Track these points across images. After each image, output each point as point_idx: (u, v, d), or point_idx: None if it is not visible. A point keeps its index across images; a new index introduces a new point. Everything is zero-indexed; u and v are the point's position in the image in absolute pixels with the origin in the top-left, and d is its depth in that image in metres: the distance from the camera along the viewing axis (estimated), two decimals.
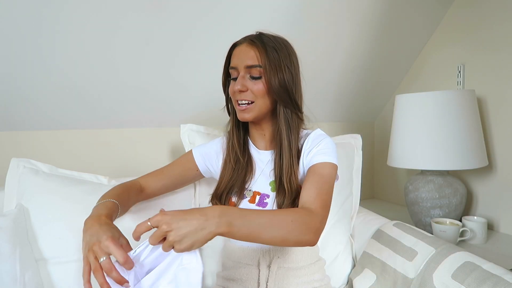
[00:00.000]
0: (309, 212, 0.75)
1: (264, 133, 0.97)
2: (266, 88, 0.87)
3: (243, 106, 0.89)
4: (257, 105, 0.89)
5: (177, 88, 1.37)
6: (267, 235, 0.68)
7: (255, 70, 0.87)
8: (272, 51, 0.86)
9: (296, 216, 0.72)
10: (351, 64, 1.68)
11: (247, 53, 0.87)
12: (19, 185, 0.95)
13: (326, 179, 0.84)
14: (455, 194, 1.41)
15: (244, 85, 0.87)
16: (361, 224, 1.24)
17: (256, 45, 0.87)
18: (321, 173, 0.85)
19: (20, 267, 0.81)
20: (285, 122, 0.90)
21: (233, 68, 0.90)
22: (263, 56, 0.86)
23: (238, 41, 0.92)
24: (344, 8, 1.45)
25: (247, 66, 0.87)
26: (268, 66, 0.85)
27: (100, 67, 1.19)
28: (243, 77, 0.88)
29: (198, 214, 0.62)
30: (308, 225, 0.73)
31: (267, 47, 0.86)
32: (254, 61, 0.86)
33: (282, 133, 0.90)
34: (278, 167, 0.91)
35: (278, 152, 0.91)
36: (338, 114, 1.90)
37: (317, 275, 0.94)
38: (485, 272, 0.84)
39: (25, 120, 1.20)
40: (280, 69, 0.86)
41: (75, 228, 0.91)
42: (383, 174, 2.04)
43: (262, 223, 0.68)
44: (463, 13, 1.59)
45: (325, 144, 0.91)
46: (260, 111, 0.90)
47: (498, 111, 1.49)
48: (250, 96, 0.88)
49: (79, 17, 1.06)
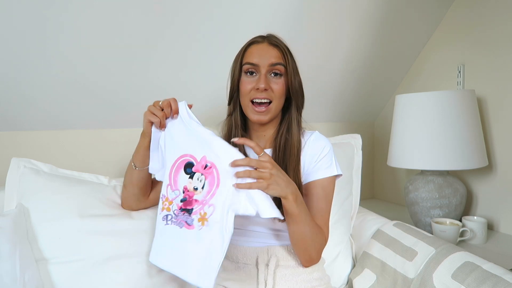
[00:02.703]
0: (325, 238, 0.91)
1: (265, 134, 0.97)
2: (285, 88, 0.91)
3: (263, 107, 0.89)
4: (273, 105, 0.91)
5: (176, 89, 1.37)
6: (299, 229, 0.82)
7: (279, 68, 0.90)
8: (289, 53, 0.92)
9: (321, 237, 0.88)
10: (351, 64, 1.68)
11: (270, 51, 0.90)
12: (19, 185, 0.94)
13: (330, 197, 0.93)
14: (455, 194, 1.41)
15: (268, 83, 0.89)
16: (361, 224, 1.24)
17: (277, 46, 0.91)
18: (326, 192, 0.92)
19: (20, 267, 0.81)
20: (296, 123, 0.94)
21: (253, 64, 0.90)
22: (286, 57, 0.90)
23: (256, 40, 0.93)
24: (344, 8, 1.45)
25: (272, 63, 0.89)
26: (290, 67, 0.90)
27: (101, 67, 1.19)
28: (265, 75, 0.89)
29: (286, 178, 0.78)
30: (321, 249, 0.91)
31: (285, 49, 0.91)
32: (278, 59, 0.90)
33: (292, 133, 0.92)
34: (281, 165, 0.89)
35: (281, 150, 0.92)
36: (338, 114, 1.90)
37: (316, 274, 0.94)
38: (485, 272, 0.84)
39: (25, 120, 1.20)
40: (297, 71, 0.93)
41: (75, 228, 0.91)
42: (383, 174, 2.04)
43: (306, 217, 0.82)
44: (463, 13, 1.59)
45: (327, 155, 0.94)
46: (275, 112, 0.92)
47: (498, 111, 1.49)
48: (270, 95, 0.89)
49: (80, 18, 1.06)
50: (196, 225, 0.79)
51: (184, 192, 0.81)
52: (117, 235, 0.94)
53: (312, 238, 0.85)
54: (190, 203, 0.80)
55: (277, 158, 0.92)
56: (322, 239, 0.89)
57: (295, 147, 0.91)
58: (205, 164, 0.78)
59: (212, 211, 0.77)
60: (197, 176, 0.79)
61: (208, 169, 0.78)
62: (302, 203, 0.82)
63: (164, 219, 0.83)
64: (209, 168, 0.78)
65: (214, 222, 0.76)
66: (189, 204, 0.80)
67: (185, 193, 0.81)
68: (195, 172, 0.79)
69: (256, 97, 0.89)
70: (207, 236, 0.76)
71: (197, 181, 0.79)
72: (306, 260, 0.90)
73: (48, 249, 0.89)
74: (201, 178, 0.79)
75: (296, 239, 0.85)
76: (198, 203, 0.79)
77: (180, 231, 0.80)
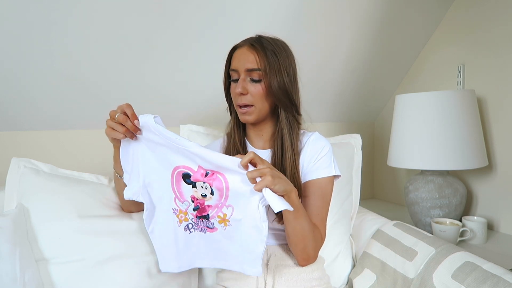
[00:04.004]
0: (322, 237, 0.92)
1: (262, 133, 0.99)
2: (265, 91, 0.89)
3: (244, 109, 0.91)
4: (256, 108, 0.91)
5: (176, 89, 1.37)
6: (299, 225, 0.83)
7: (255, 73, 0.89)
8: (272, 54, 0.88)
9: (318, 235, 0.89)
10: (351, 64, 1.68)
11: (247, 56, 0.89)
12: (19, 185, 0.94)
13: (328, 197, 0.94)
14: (455, 194, 1.41)
15: (245, 87, 0.89)
16: (361, 224, 1.24)
17: (256, 49, 0.89)
18: (324, 191, 0.92)
19: (20, 267, 0.81)
20: (286, 123, 0.93)
21: (234, 70, 0.92)
22: (262, 60, 0.88)
23: (238, 44, 0.93)
24: (344, 8, 1.45)
25: (248, 69, 0.89)
26: (268, 70, 0.87)
27: (101, 68, 1.19)
28: (244, 79, 0.90)
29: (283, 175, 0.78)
30: (318, 247, 0.91)
31: (266, 51, 0.88)
32: (254, 64, 0.88)
33: (284, 133, 0.92)
34: (278, 165, 0.92)
35: (279, 151, 0.93)
36: (338, 114, 1.90)
37: (316, 274, 0.95)
38: (485, 272, 0.84)
39: (25, 120, 1.20)
40: (280, 72, 0.88)
41: (75, 228, 0.91)
42: (383, 174, 2.04)
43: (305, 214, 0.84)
44: (463, 13, 1.59)
45: (326, 155, 0.94)
46: (260, 113, 0.92)
47: (498, 111, 1.49)
48: (249, 100, 0.90)
49: (81, 19, 1.06)
50: (219, 227, 0.81)
51: (194, 201, 0.81)
52: (117, 235, 0.94)
53: (310, 235, 0.86)
54: (204, 210, 0.81)
55: (275, 158, 0.93)
56: (319, 237, 0.90)
57: (289, 148, 0.91)
58: (205, 173, 0.78)
59: (231, 212, 0.79)
60: (200, 185, 0.79)
61: (210, 176, 0.77)
62: (299, 200, 0.83)
63: (186, 229, 0.85)
64: (211, 175, 0.77)
65: (236, 221, 0.78)
66: (204, 211, 0.81)
67: (194, 202, 0.81)
68: (196, 182, 0.79)
69: (238, 102, 0.91)
70: (236, 233, 0.79)
71: (202, 189, 0.79)
72: (304, 258, 0.90)
73: (48, 249, 0.89)
74: (205, 186, 0.78)
75: (295, 236, 0.85)
76: (212, 208, 0.80)
77: (206, 235, 0.83)
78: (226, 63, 0.96)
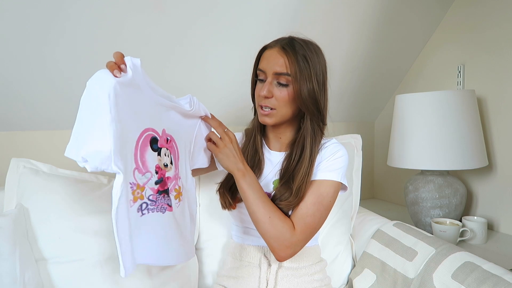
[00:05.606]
0: (290, 229, 0.82)
1: (281, 136, 0.96)
2: (291, 97, 0.86)
3: (266, 110, 0.88)
4: (278, 112, 0.88)
5: (176, 89, 1.36)
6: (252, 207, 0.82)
7: (283, 78, 0.85)
8: (303, 59, 0.85)
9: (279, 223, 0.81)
10: (351, 64, 1.68)
11: (277, 59, 0.85)
12: (19, 185, 0.94)
13: (322, 199, 0.86)
14: (455, 194, 1.41)
15: (270, 91, 0.86)
16: (361, 224, 1.23)
17: (287, 52, 0.85)
18: (321, 193, 0.86)
19: (20, 267, 0.81)
20: (311, 132, 0.89)
21: (262, 71, 0.89)
22: (293, 65, 0.84)
23: (269, 44, 0.90)
24: (343, 8, 1.45)
25: (276, 72, 0.85)
26: (298, 75, 0.84)
27: (101, 68, 1.19)
28: (270, 83, 0.87)
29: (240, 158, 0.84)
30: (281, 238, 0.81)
31: (298, 55, 0.84)
32: (283, 68, 0.85)
33: (306, 142, 0.89)
34: (290, 170, 0.89)
35: (295, 158, 0.89)
36: (338, 114, 1.90)
37: (317, 276, 0.95)
38: (485, 272, 0.84)
39: (24, 120, 1.20)
40: (310, 79, 0.85)
41: (75, 228, 0.91)
42: (383, 174, 2.04)
43: (257, 198, 0.82)
44: (463, 13, 1.59)
45: (336, 159, 0.90)
46: (281, 118, 0.89)
47: (498, 111, 1.49)
48: (273, 103, 0.87)
49: (79, 20, 1.06)
50: (174, 204, 0.73)
51: (158, 172, 0.69)
52: None
53: (267, 223, 0.80)
54: (165, 183, 0.71)
55: (290, 163, 0.90)
56: (285, 231, 0.81)
57: (308, 157, 0.88)
58: (166, 138, 0.72)
59: (183, 183, 0.76)
60: (163, 152, 0.71)
61: (169, 142, 0.73)
62: (253, 184, 0.83)
63: (139, 210, 0.67)
64: (170, 141, 0.73)
65: (185, 192, 0.77)
66: (165, 184, 0.71)
67: (159, 173, 0.69)
68: (161, 148, 0.70)
69: (260, 103, 0.89)
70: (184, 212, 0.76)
71: (165, 157, 0.71)
72: (273, 250, 0.82)
73: (48, 249, 0.90)
74: (167, 153, 0.72)
75: (253, 221, 0.83)
76: (170, 180, 0.73)
77: (164, 216, 0.70)
78: (256, 61, 0.92)
